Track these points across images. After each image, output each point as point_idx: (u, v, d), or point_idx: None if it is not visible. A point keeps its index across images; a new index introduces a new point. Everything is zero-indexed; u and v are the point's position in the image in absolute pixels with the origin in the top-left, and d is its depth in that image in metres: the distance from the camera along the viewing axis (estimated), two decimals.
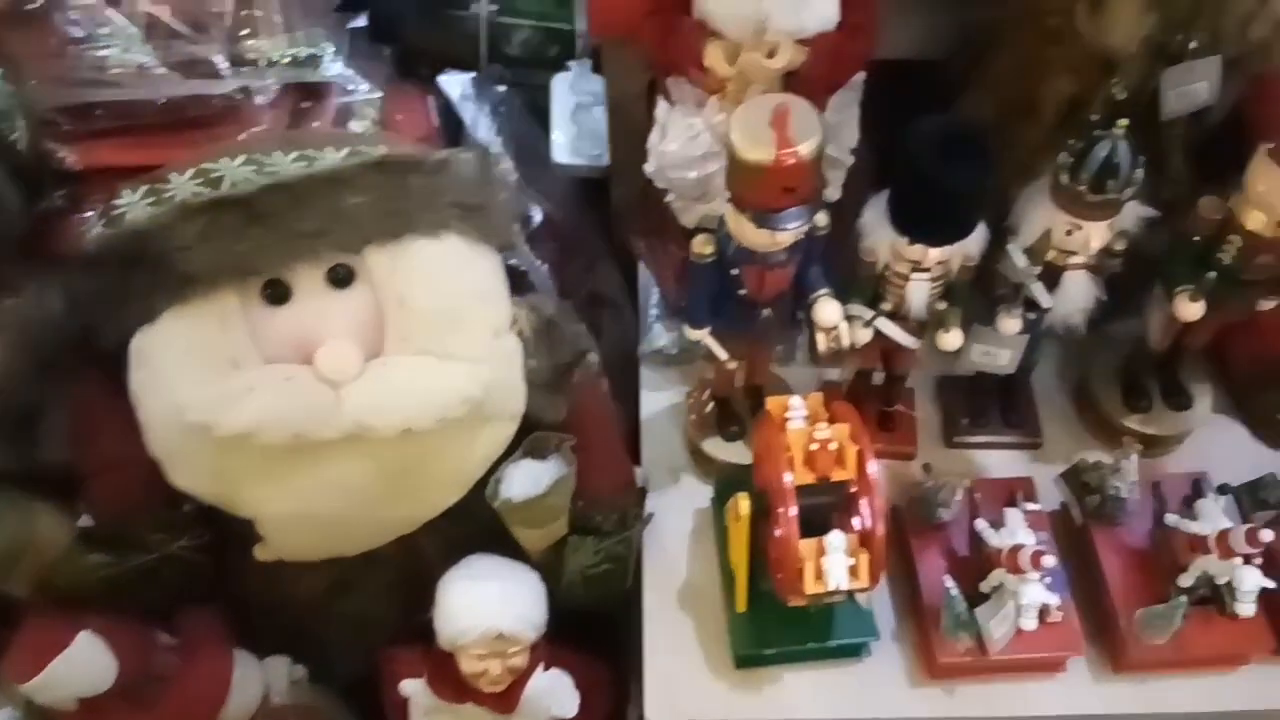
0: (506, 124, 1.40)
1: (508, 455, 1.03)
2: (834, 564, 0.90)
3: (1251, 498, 1.13)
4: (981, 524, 1.03)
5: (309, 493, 0.92)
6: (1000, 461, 1.22)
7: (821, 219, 0.95)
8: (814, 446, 0.90)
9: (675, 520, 1.19)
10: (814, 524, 0.94)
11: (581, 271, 1.36)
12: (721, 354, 1.04)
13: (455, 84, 1.41)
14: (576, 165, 1.48)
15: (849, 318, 1.02)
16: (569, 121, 1.52)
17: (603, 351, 1.31)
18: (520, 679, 1.06)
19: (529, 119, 1.46)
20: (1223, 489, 1.07)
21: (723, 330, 1.04)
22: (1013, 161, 1.11)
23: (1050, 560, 0.93)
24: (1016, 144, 1.11)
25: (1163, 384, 1.21)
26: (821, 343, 1.01)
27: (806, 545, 0.91)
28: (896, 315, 1.04)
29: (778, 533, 0.92)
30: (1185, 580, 1.01)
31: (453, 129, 1.39)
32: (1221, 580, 0.98)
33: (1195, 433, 1.23)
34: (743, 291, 0.97)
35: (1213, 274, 0.98)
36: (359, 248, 0.87)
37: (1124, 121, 0.90)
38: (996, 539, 1.00)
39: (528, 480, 1.03)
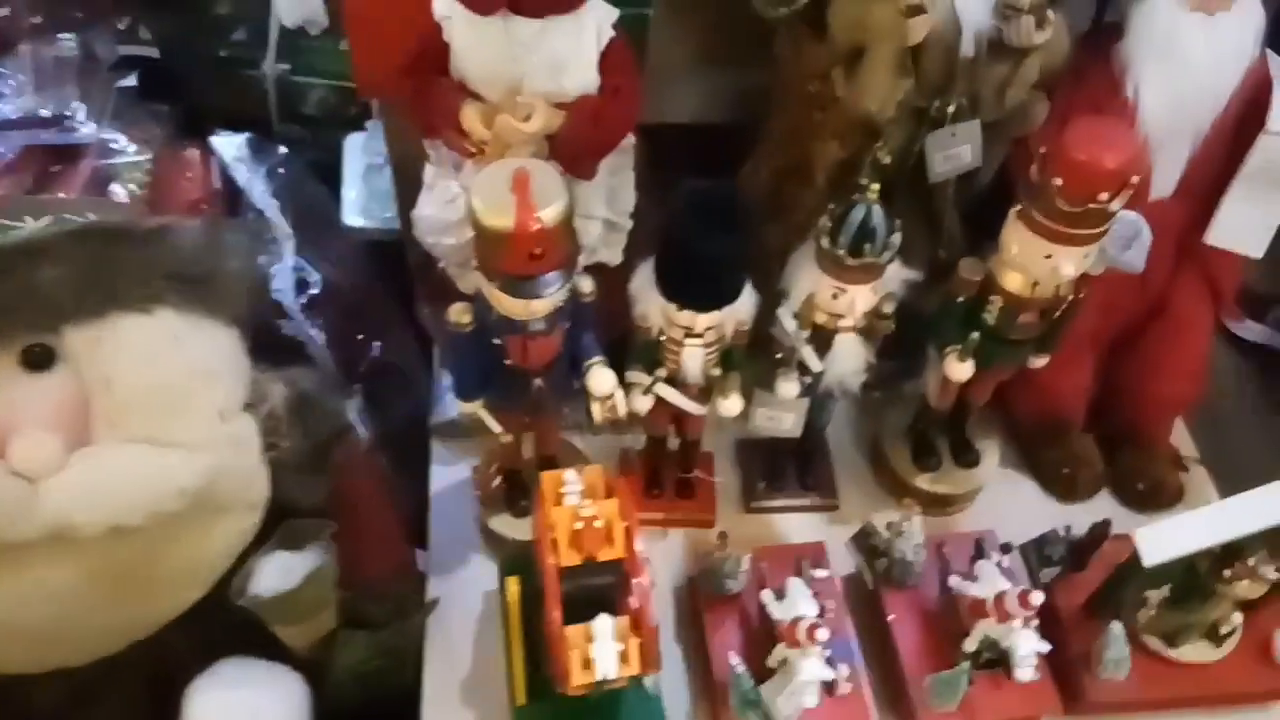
0: (286, 185, 1.32)
1: (260, 545, 0.95)
2: (602, 651, 0.84)
3: (1038, 554, 1.13)
4: (767, 595, 1.00)
5: (9, 600, 0.81)
6: (799, 525, 1.20)
7: (586, 285, 0.91)
8: (579, 525, 0.85)
9: (463, 605, 1.11)
10: (595, 607, 0.88)
11: (369, 340, 1.29)
12: (495, 427, 0.99)
13: (230, 144, 1.33)
14: (367, 228, 1.42)
15: (627, 385, 0.99)
16: (361, 182, 1.46)
17: (391, 424, 1.24)
18: None
19: (314, 180, 1.39)
20: (1005, 547, 1.07)
21: (496, 402, 0.98)
22: (791, 225, 1.11)
23: (824, 633, 0.90)
24: (794, 207, 1.11)
25: (951, 442, 1.21)
26: (597, 412, 0.97)
27: (575, 632, 0.86)
28: (676, 381, 1.01)
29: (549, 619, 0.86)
30: (969, 645, 1.00)
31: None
32: (1004, 644, 0.97)
33: (989, 489, 1.24)
34: (509, 362, 0.92)
35: (976, 335, 0.99)
36: (56, 326, 0.78)
37: (876, 186, 0.90)
38: (779, 610, 0.97)
39: (279, 573, 0.94)
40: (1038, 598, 0.92)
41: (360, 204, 1.43)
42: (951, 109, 1.03)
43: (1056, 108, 1.07)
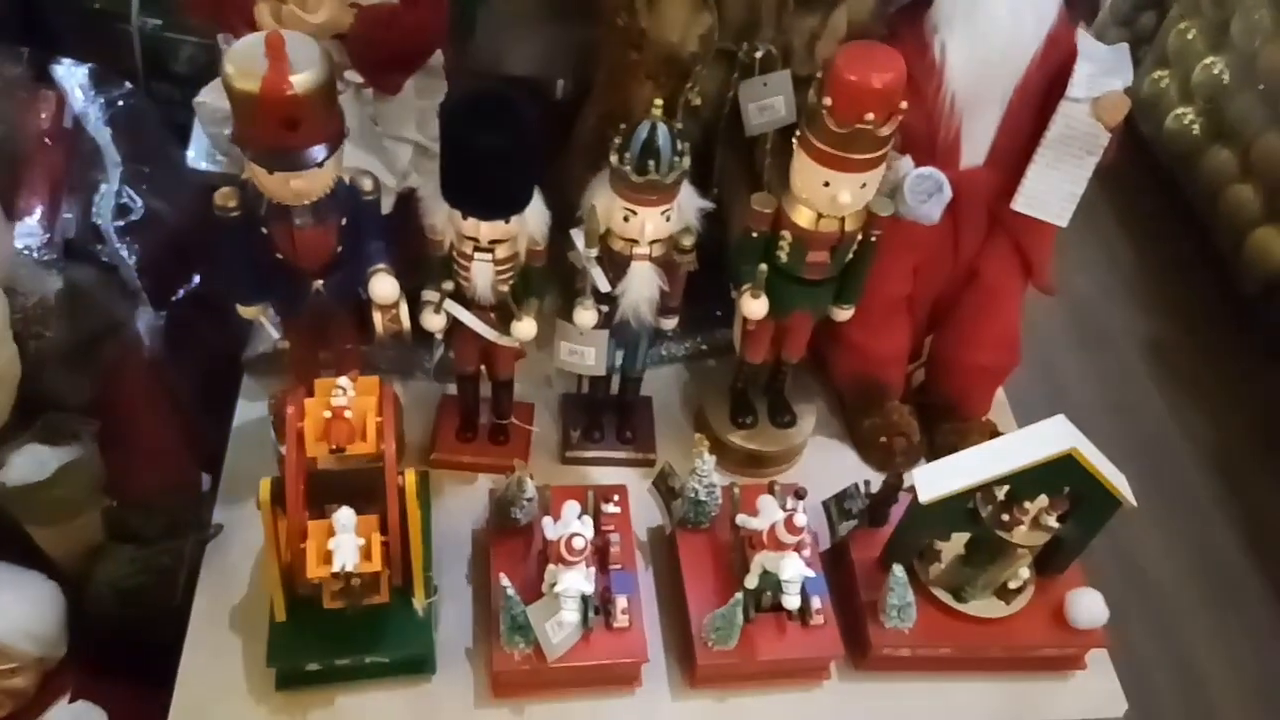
0: (124, 117, 1.31)
1: (16, 436, 0.91)
2: (342, 544, 0.81)
3: (838, 508, 1.13)
4: (546, 520, 0.97)
5: None
6: (614, 476, 1.18)
7: (366, 182, 0.90)
8: (328, 414, 0.83)
9: (249, 535, 1.07)
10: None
11: (188, 271, 1.27)
12: (274, 333, 0.97)
13: (73, 75, 1.32)
14: (211, 171, 1.40)
15: (423, 302, 0.98)
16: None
17: (202, 353, 1.21)
18: (32, 708, 0.90)
19: (156, 119, 1.37)
20: (799, 493, 1.06)
21: (281, 309, 0.96)
22: None
23: (580, 542, 0.88)
24: None
25: (770, 403, 1.21)
26: (379, 322, 0.95)
27: (317, 525, 0.83)
28: (469, 301, 0.99)
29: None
30: (750, 581, 0.98)
31: None
32: (779, 574, 0.96)
33: (810, 455, 1.23)
34: (279, 256, 0.90)
35: (764, 266, 0.99)
36: None
37: (659, 102, 0.91)
38: (552, 531, 0.94)
39: (32, 465, 0.91)
40: (801, 519, 0.91)
41: (206, 149, 1.41)
42: (759, 55, 1.05)
43: None
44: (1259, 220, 2.36)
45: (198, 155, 1.40)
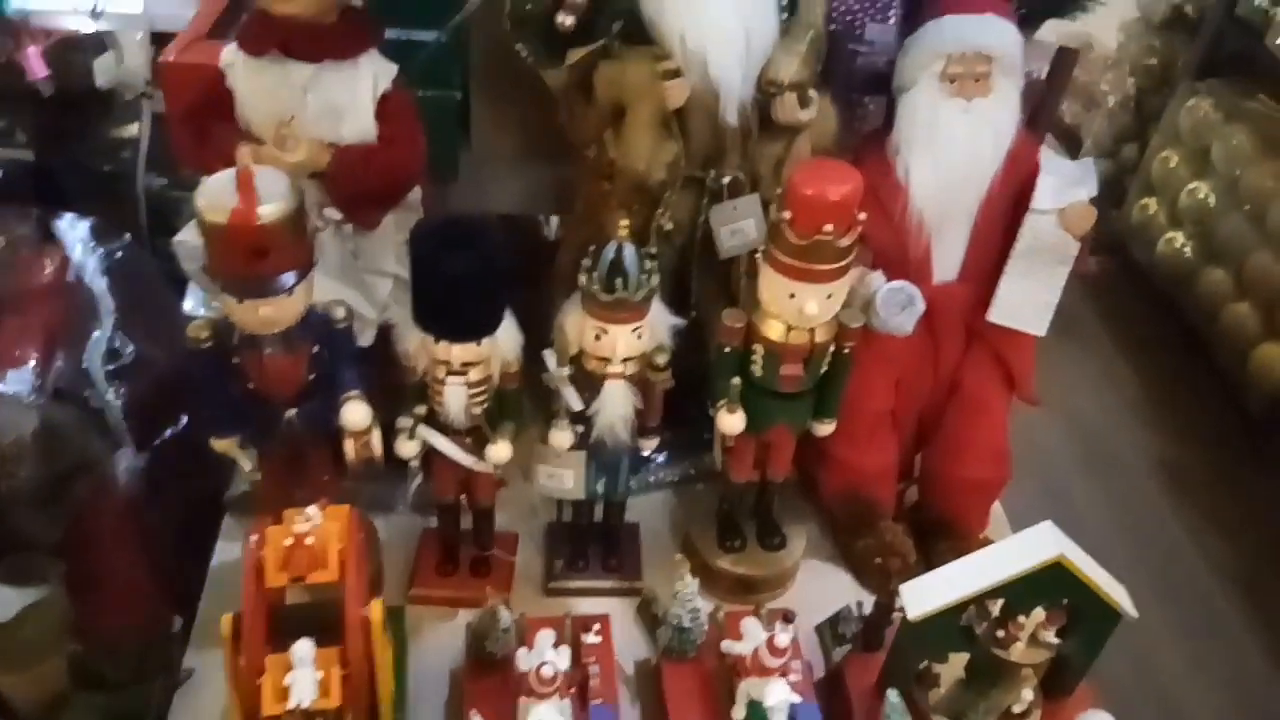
0: (120, 267, 1.36)
1: None
2: (299, 678, 0.78)
3: (832, 632, 1.08)
4: (521, 652, 0.94)
5: None
6: (600, 607, 1.14)
7: (339, 311, 0.92)
8: (289, 542, 0.81)
9: (221, 680, 1.04)
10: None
11: (175, 414, 1.27)
12: (245, 464, 0.96)
13: (76, 230, 1.37)
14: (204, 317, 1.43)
15: (397, 429, 0.97)
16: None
17: (187, 498, 1.21)
18: None
19: (153, 269, 1.42)
20: (788, 616, 1.02)
21: (250, 440, 0.96)
22: None
23: (549, 670, 0.84)
24: None
25: (758, 525, 1.18)
26: (350, 450, 0.95)
27: (275, 659, 0.80)
28: (445, 427, 0.99)
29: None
30: (737, 712, 0.93)
31: None
32: (764, 701, 0.91)
33: (804, 580, 1.20)
34: (251, 386, 0.90)
35: (737, 380, 0.99)
36: None
37: (625, 223, 0.93)
38: (524, 662, 0.90)
39: None
40: (784, 640, 0.87)
41: (203, 298, 1.45)
42: (727, 181, 1.08)
43: None
44: (1259, 338, 2.35)
45: (195, 304, 1.44)
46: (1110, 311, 2.79)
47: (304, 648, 0.79)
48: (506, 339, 0.96)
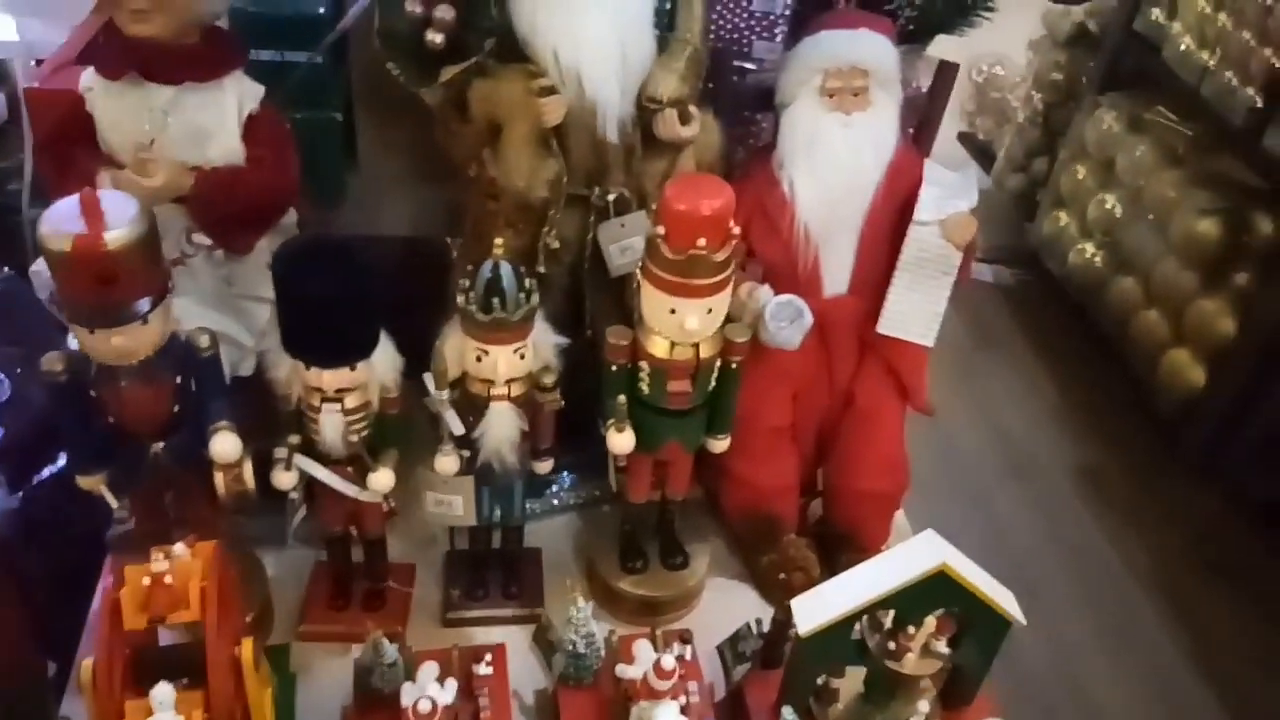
0: (10, 306, 1.31)
1: None
2: None
3: (733, 651, 1.07)
4: (406, 686, 0.91)
5: None
6: (500, 636, 1.12)
7: (203, 339, 0.89)
8: (146, 580, 0.78)
9: None
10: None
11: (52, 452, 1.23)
12: (112, 501, 0.92)
13: None
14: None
15: (274, 459, 0.94)
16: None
17: (67, 539, 1.16)
18: None
19: (36, 302, 1.37)
20: (684, 636, 1.01)
21: (120, 477, 0.92)
22: None
23: (426, 705, 0.81)
24: None
25: (660, 544, 1.17)
26: (221, 483, 0.91)
27: (135, 705, 0.76)
28: (322, 455, 0.96)
29: None
30: None
31: None
32: None
33: (711, 599, 1.18)
34: (112, 420, 0.87)
35: (623, 398, 0.97)
36: None
37: (500, 241, 0.92)
38: (407, 696, 0.87)
39: None
40: (669, 661, 0.86)
41: None
42: (612, 198, 1.07)
43: None
44: (1168, 344, 2.41)
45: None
46: (1028, 323, 2.84)
47: (163, 691, 0.76)
48: (383, 363, 0.94)
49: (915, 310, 1.12)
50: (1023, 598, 0.90)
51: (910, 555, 0.89)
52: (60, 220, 0.77)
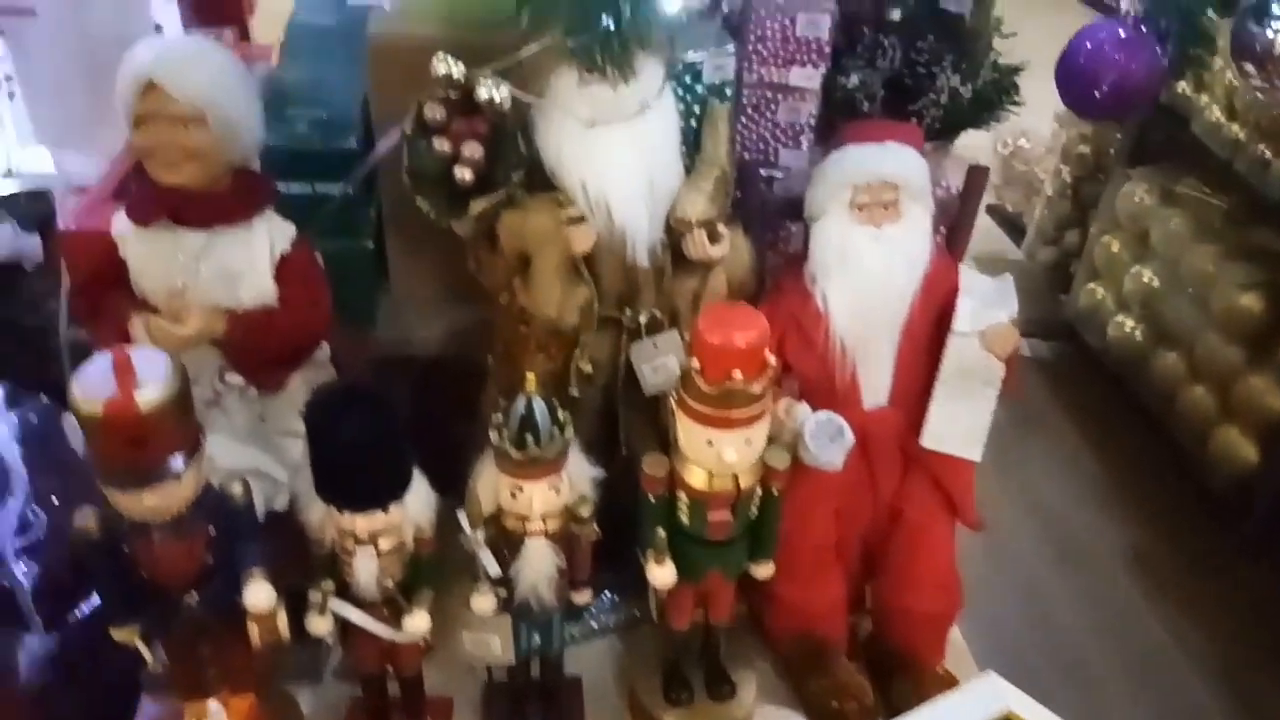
0: (36, 433, 1.31)
1: None
2: None
3: None
4: None
5: None
6: None
7: (237, 488, 0.88)
8: None
9: None
10: None
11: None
12: (148, 656, 0.90)
13: None
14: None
15: (309, 604, 0.92)
16: None
17: (102, 677, 1.14)
18: None
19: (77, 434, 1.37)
20: None
21: (152, 629, 0.91)
22: None
23: None
24: None
25: (706, 672, 1.13)
26: (255, 632, 0.89)
27: None
28: (357, 598, 0.94)
29: None
30: None
31: None
32: None
33: None
34: (144, 574, 0.85)
35: (662, 530, 0.95)
36: None
37: (532, 376, 0.90)
38: None
39: None
40: None
41: None
42: (644, 319, 1.06)
43: None
44: (1217, 420, 2.34)
45: None
46: (1068, 398, 2.78)
47: None
48: (416, 503, 0.92)
49: (959, 424, 1.09)
50: (1079, 691, 0.85)
51: (972, 700, 0.85)
52: (92, 384, 0.77)
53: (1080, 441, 2.65)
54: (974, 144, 1.47)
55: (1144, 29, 0.81)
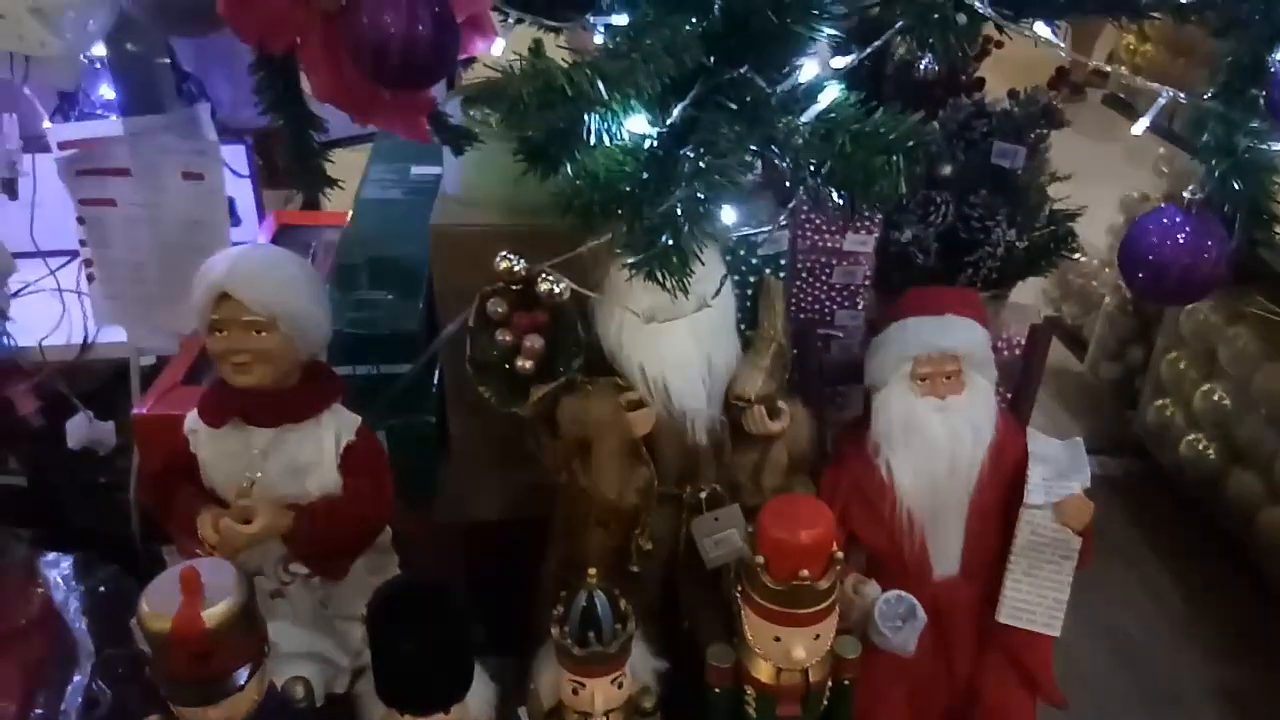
0: (106, 602, 1.32)
1: None
2: None
3: None
4: None
5: None
6: None
7: (299, 691, 0.87)
8: None
9: None
10: None
11: None
12: None
13: (58, 568, 1.35)
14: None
15: None
16: None
17: None
18: None
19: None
20: None
21: None
22: None
23: None
24: None
25: None
26: None
27: None
28: None
29: None
30: None
31: None
32: None
33: None
34: None
35: None
36: None
37: (593, 572, 0.89)
38: None
39: None
40: None
41: None
42: (704, 495, 1.05)
43: (823, 490, 1.09)
44: None
45: None
46: (1140, 517, 2.67)
47: None
48: (476, 701, 0.91)
49: (1036, 598, 1.05)
50: None
51: None
52: (160, 599, 0.78)
53: (1158, 566, 2.54)
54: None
55: (1206, 213, 0.81)
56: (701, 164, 0.69)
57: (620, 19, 0.81)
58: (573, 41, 1.03)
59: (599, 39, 0.84)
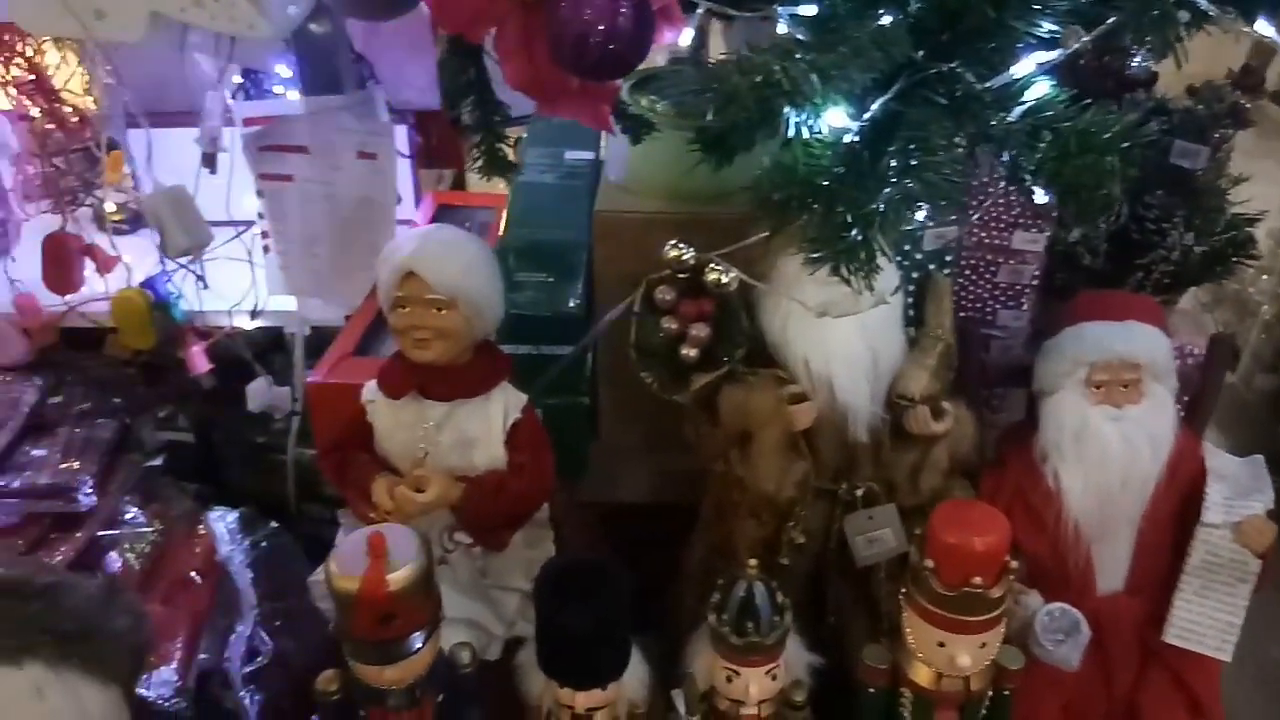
0: (266, 557, 1.39)
1: None
2: None
3: None
4: None
5: None
6: None
7: (464, 656, 0.90)
8: None
9: None
10: None
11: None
12: None
13: (224, 521, 1.43)
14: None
15: None
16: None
17: None
18: None
19: (300, 557, 1.45)
20: None
21: None
22: None
23: None
24: None
25: None
26: None
27: None
28: None
29: None
30: None
31: None
32: None
33: None
34: None
35: None
36: None
37: (754, 562, 0.89)
38: None
39: None
40: None
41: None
42: (860, 492, 1.04)
43: (984, 494, 1.07)
44: None
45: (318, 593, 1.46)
46: None
47: None
48: (633, 681, 0.92)
49: (1207, 620, 1.00)
50: None
51: None
52: (347, 561, 0.82)
53: None
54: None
55: None
56: (912, 161, 0.68)
57: (808, 9, 0.80)
58: (745, 34, 1.03)
59: (782, 29, 0.84)
